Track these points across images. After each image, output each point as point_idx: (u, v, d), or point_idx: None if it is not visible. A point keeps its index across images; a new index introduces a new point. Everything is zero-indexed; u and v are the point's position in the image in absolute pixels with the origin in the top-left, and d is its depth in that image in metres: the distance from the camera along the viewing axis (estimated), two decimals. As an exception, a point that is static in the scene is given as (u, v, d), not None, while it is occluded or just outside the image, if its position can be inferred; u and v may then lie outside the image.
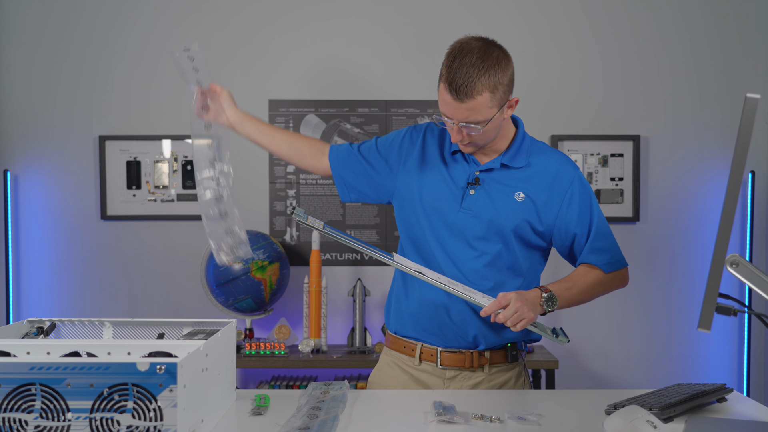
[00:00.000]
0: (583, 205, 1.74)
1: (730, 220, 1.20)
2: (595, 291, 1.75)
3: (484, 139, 1.68)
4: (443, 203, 1.75)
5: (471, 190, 1.73)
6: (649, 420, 1.27)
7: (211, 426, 1.37)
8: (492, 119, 1.64)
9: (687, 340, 3.41)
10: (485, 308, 1.58)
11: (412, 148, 1.83)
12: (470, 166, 1.76)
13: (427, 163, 1.80)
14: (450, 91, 1.60)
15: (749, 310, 1.31)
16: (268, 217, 3.43)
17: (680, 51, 3.42)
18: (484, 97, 1.60)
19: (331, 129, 3.42)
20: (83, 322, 1.62)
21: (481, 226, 1.71)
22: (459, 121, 1.63)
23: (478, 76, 1.59)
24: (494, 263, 1.72)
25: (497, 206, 1.72)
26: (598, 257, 1.74)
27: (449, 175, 1.76)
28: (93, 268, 3.41)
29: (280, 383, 3.17)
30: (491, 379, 1.77)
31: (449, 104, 1.62)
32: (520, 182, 1.74)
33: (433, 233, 1.75)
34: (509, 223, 1.71)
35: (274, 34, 3.42)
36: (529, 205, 1.72)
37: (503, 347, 1.77)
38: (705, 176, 3.42)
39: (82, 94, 3.41)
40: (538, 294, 1.64)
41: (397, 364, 1.82)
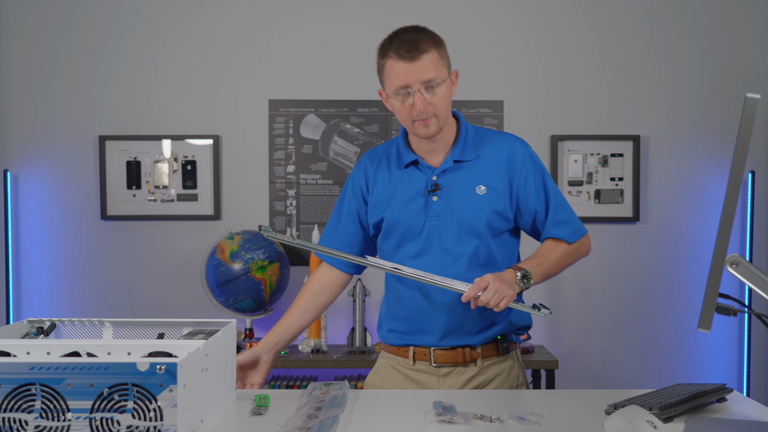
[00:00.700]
0: (537, 181, 1.78)
1: (730, 220, 1.20)
2: (564, 262, 1.79)
3: (443, 107, 1.70)
4: (411, 219, 1.77)
5: (433, 197, 1.76)
6: (649, 420, 1.27)
7: (211, 426, 1.37)
8: (445, 81, 1.69)
9: (687, 340, 3.41)
10: (466, 293, 1.60)
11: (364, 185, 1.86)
12: (425, 173, 1.78)
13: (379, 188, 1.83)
14: (401, 57, 1.65)
15: (749, 310, 1.31)
16: (268, 217, 3.43)
17: (680, 51, 3.42)
18: (434, 54, 1.67)
19: (331, 129, 3.42)
20: (83, 322, 1.62)
21: (453, 229, 1.74)
22: (419, 83, 1.66)
23: (421, 37, 1.68)
24: (472, 263, 1.75)
25: (463, 205, 1.74)
26: (561, 230, 1.79)
27: (407, 189, 1.79)
28: (93, 268, 3.41)
29: (280, 383, 3.17)
30: (484, 373, 1.79)
31: (403, 71, 1.66)
32: (477, 175, 1.76)
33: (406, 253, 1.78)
34: (480, 219, 1.74)
35: (275, 34, 3.42)
36: (492, 195, 1.75)
37: (494, 340, 1.80)
38: (705, 176, 3.42)
39: (82, 94, 3.41)
40: (512, 273, 1.67)
41: (392, 366, 1.85)
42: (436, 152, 1.79)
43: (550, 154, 3.40)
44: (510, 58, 3.42)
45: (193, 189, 3.42)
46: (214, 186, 3.41)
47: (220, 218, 3.42)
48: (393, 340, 1.84)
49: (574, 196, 3.41)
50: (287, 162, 3.42)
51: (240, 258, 3.10)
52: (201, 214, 3.41)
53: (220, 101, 3.42)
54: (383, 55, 1.71)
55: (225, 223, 3.41)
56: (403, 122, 1.74)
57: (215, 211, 3.41)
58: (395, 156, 1.83)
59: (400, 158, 1.81)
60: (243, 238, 3.16)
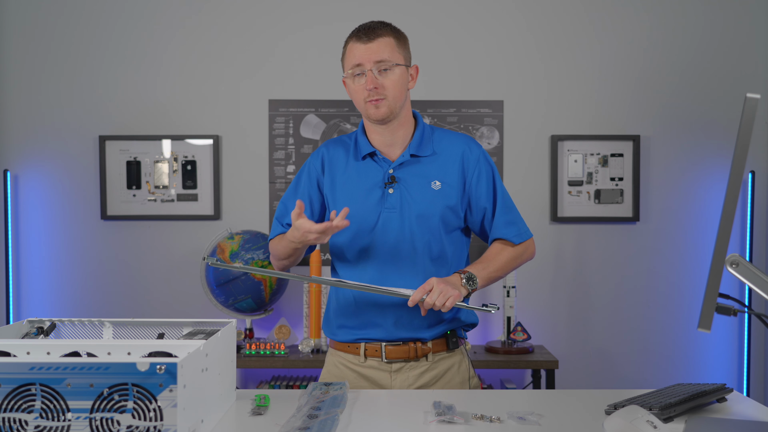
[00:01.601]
0: (489, 180, 1.84)
1: (730, 220, 1.20)
2: (509, 266, 1.83)
3: (395, 91, 1.75)
4: (366, 210, 1.79)
5: (389, 189, 1.80)
6: (649, 420, 1.27)
7: (211, 426, 1.37)
8: (399, 67, 1.75)
9: (687, 340, 3.41)
10: (411, 296, 1.63)
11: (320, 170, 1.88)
12: (381, 165, 1.82)
13: (336, 177, 1.85)
14: (359, 38, 1.75)
15: (749, 310, 1.31)
16: (268, 217, 3.43)
17: (680, 51, 3.42)
18: (390, 40, 1.76)
19: (331, 129, 3.42)
20: (83, 322, 1.62)
21: (408, 222, 1.78)
22: (371, 62, 1.73)
23: (382, 26, 1.78)
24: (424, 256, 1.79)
25: (418, 199, 1.79)
26: (508, 230, 1.83)
27: (364, 180, 1.82)
28: (93, 268, 3.41)
29: (280, 383, 3.17)
30: (434, 367, 1.82)
31: (358, 50, 1.74)
32: (432, 171, 1.81)
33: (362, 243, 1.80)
34: (434, 213, 1.78)
35: (275, 34, 3.42)
36: (446, 191, 1.80)
37: (443, 335, 1.83)
38: (705, 176, 3.42)
39: (82, 94, 3.41)
40: (457, 276, 1.71)
41: (343, 364, 1.86)
42: (393, 146, 1.83)
43: (550, 154, 3.40)
44: (510, 58, 3.42)
45: (193, 189, 3.42)
46: (214, 186, 3.41)
47: (220, 218, 3.42)
48: (343, 336, 1.85)
49: (574, 196, 3.41)
50: (287, 162, 3.43)
51: (240, 258, 3.10)
52: (201, 214, 3.41)
53: (220, 101, 3.43)
54: (345, 43, 1.80)
55: (225, 223, 3.41)
56: (358, 105, 1.80)
57: (215, 211, 3.41)
58: (353, 147, 1.87)
59: (358, 149, 1.85)
60: (243, 238, 3.16)
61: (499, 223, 1.84)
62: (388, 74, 1.74)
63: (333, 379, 1.87)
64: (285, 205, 1.92)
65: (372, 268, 1.80)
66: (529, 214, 3.35)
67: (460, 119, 3.39)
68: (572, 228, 3.42)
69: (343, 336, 1.86)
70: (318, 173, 1.88)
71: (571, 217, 3.40)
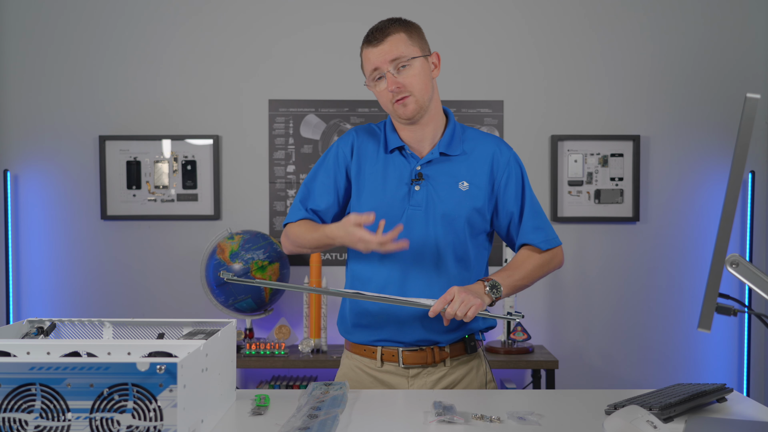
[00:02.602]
0: (518, 184, 1.80)
1: (730, 220, 1.20)
2: (536, 274, 1.77)
3: (418, 85, 1.70)
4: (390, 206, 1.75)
5: (416, 186, 1.76)
6: (649, 420, 1.27)
7: (211, 426, 1.37)
8: (416, 59, 1.70)
9: (687, 340, 3.41)
10: (432, 307, 1.59)
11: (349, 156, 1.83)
12: (410, 161, 1.78)
13: (363, 166, 1.81)
14: (370, 42, 1.71)
15: (749, 310, 1.31)
16: (268, 217, 3.43)
17: (680, 51, 3.42)
18: (401, 35, 1.71)
19: (331, 129, 3.42)
20: (83, 322, 1.62)
21: (433, 221, 1.74)
22: (386, 62, 1.69)
23: (390, 23, 1.73)
24: (448, 257, 1.75)
25: (445, 198, 1.75)
26: (535, 236, 1.78)
27: (390, 175, 1.78)
28: (93, 268, 3.41)
29: (280, 383, 3.17)
30: (453, 372, 1.78)
31: (372, 55, 1.70)
32: (461, 171, 1.77)
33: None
34: (460, 214, 1.74)
35: (275, 34, 3.42)
36: (474, 192, 1.76)
37: (461, 340, 1.79)
38: (705, 176, 3.42)
39: (82, 94, 3.41)
40: (480, 284, 1.67)
41: (359, 368, 1.82)
42: (423, 142, 1.79)
43: (550, 154, 3.40)
44: (510, 58, 3.42)
45: (193, 189, 3.42)
46: (214, 186, 3.41)
47: (220, 218, 3.42)
48: (359, 337, 1.80)
49: (574, 196, 3.41)
50: (287, 162, 3.43)
51: (240, 258, 3.10)
52: (201, 214, 3.41)
53: (220, 101, 3.42)
54: (361, 50, 1.76)
55: (225, 223, 3.41)
56: (386, 108, 1.75)
57: (215, 211, 3.41)
58: (383, 138, 1.82)
59: (387, 142, 1.81)
60: (243, 238, 3.16)
61: (526, 228, 1.79)
62: (407, 70, 1.70)
63: (350, 382, 1.81)
64: (308, 187, 1.84)
65: (393, 267, 1.75)
66: (529, 214, 3.35)
67: (460, 119, 3.39)
68: (572, 228, 3.42)
69: (358, 337, 1.81)
70: (347, 159, 1.82)
71: (571, 217, 3.40)
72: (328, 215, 1.84)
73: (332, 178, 1.82)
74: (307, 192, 1.84)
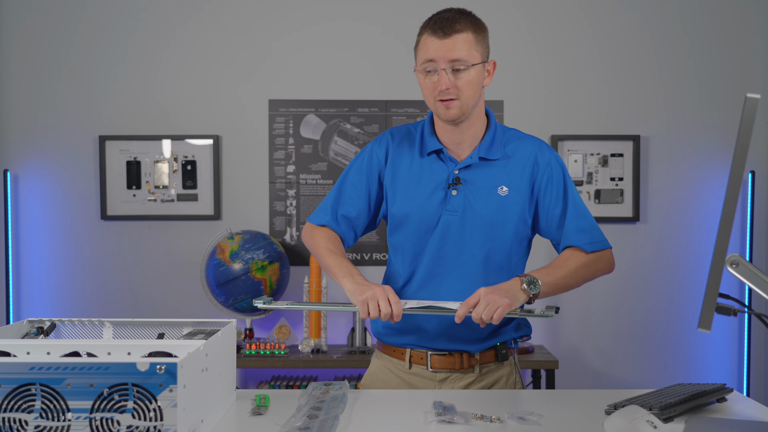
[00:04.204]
0: (559, 185, 1.73)
1: (730, 220, 1.20)
2: (579, 274, 1.70)
3: (468, 91, 1.65)
4: (426, 211, 1.72)
5: (453, 190, 1.71)
6: (649, 420, 1.26)
7: (211, 426, 1.37)
8: (476, 66, 1.65)
9: (687, 340, 3.41)
10: (457, 313, 1.54)
11: (383, 161, 1.78)
12: (448, 165, 1.73)
13: (399, 170, 1.76)
14: (434, 32, 1.63)
15: (749, 310, 1.31)
16: (268, 217, 3.43)
17: (680, 51, 3.42)
18: (469, 36, 1.64)
19: (331, 129, 3.42)
20: (83, 322, 1.62)
21: (471, 227, 1.70)
22: (446, 60, 1.62)
23: (461, 18, 1.65)
24: (487, 263, 1.71)
25: (483, 204, 1.70)
26: (579, 237, 1.71)
27: (428, 179, 1.73)
28: (93, 268, 3.41)
29: (280, 383, 3.17)
30: (482, 379, 1.75)
31: (433, 46, 1.63)
32: (500, 175, 1.72)
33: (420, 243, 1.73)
34: (498, 219, 1.70)
35: (275, 34, 3.42)
36: (513, 197, 1.71)
37: (493, 347, 1.75)
38: (705, 176, 3.42)
39: (82, 94, 3.41)
40: (516, 280, 1.60)
41: (388, 368, 1.81)
42: (462, 145, 1.73)
43: (550, 154, 3.40)
44: (510, 58, 3.42)
45: (193, 189, 3.42)
46: (214, 186, 3.41)
47: (220, 218, 3.42)
48: (389, 338, 1.79)
49: (574, 196, 3.40)
50: (287, 162, 3.43)
51: (240, 258, 3.10)
52: (201, 214, 3.41)
53: (221, 101, 3.42)
54: (420, 32, 1.68)
55: (225, 223, 3.41)
56: (427, 100, 1.69)
57: (215, 211, 3.41)
58: (419, 141, 1.77)
59: (424, 144, 1.75)
60: (243, 238, 3.16)
61: (569, 229, 1.72)
62: (463, 74, 1.63)
63: (377, 382, 1.81)
64: (340, 191, 1.80)
65: (426, 270, 1.72)
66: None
67: (460, 119, 3.39)
68: (572, 228, 3.41)
69: (389, 338, 1.79)
70: (380, 164, 1.78)
71: (571, 217, 3.40)
72: (359, 222, 1.80)
73: (365, 182, 1.79)
74: (338, 196, 1.80)
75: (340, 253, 1.73)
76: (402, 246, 1.76)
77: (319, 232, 1.79)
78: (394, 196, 1.76)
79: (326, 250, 1.73)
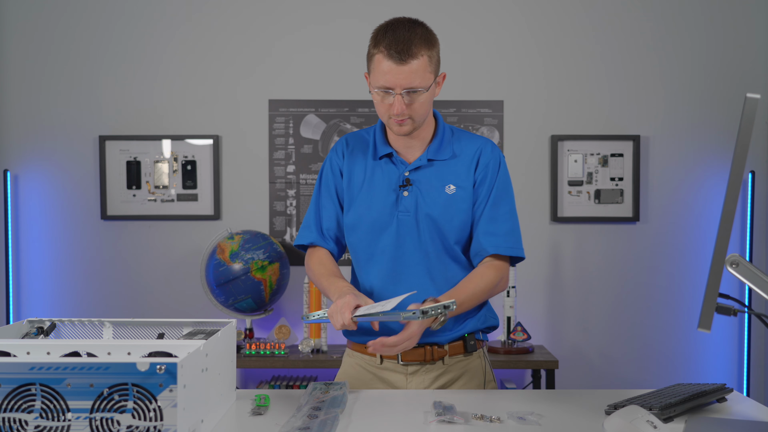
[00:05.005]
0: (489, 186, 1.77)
1: (730, 220, 1.20)
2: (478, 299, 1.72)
3: (422, 111, 1.69)
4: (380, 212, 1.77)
5: (404, 192, 1.77)
6: (649, 420, 1.27)
7: (211, 426, 1.37)
8: (429, 87, 1.68)
9: (687, 340, 3.41)
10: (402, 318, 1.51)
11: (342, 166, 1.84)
12: (398, 167, 1.79)
13: (353, 175, 1.82)
14: (390, 56, 1.64)
15: (749, 310, 1.31)
16: (268, 217, 3.43)
17: (680, 51, 3.42)
18: (424, 60, 1.66)
19: (331, 129, 3.42)
20: (83, 322, 1.62)
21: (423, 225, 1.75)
22: (401, 87, 1.65)
23: (415, 39, 1.65)
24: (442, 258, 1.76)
25: (431, 203, 1.75)
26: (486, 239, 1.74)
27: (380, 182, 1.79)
28: (93, 268, 3.41)
29: (280, 383, 3.17)
30: (451, 371, 1.79)
31: (390, 71, 1.64)
32: (448, 175, 1.77)
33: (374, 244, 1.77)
34: (446, 217, 1.74)
35: (275, 34, 3.42)
36: (460, 195, 1.76)
37: (461, 338, 1.80)
38: (705, 176, 3.42)
39: (83, 95, 3.41)
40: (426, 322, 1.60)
41: (360, 365, 1.84)
42: (412, 148, 1.80)
43: (550, 154, 3.40)
44: (510, 58, 3.42)
45: (193, 189, 3.42)
46: (214, 186, 3.41)
47: (220, 218, 3.42)
48: (359, 336, 1.81)
49: (574, 196, 3.41)
50: (287, 162, 3.43)
51: (240, 258, 3.10)
52: (201, 214, 3.41)
53: (220, 101, 3.42)
54: (374, 45, 1.71)
55: (225, 223, 3.41)
56: (380, 116, 1.75)
57: (215, 211, 3.41)
58: (372, 146, 1.83)
59: (376, 149, 1.82)
60: (243, 238, 3.16)
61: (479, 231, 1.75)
62: (417, 96, 1.67)
63: (350, 380, 1.84)
64: (318, 207, 1.87)
65: (382, 270, 1.77)
66: (529, 214, 3.35)
67: (460, 119, 3.39)
68: (572, 228, 3.42)
69: (358, 337, 1.82)
70: (341, 168, 1.85)
71: (571, 217, 3.40)
72: (340, 227, 1.85)
73: (334, 195, 1.85)
74: (317, 211, 1.87)
75: (330, 273, 1.79)
76: (357, 247, 1.82)
77: (311, 259, 1.86)
78: (352, 200, 1.82)
79: (319, 275, 1.80)
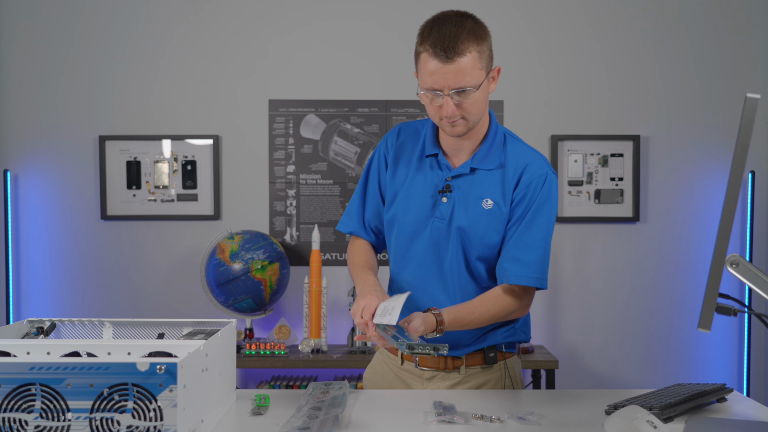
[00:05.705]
0: (526, 208, 1.66)
1: (730, 220, 1.20)
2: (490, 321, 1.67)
3: (475, 111, 1.60)
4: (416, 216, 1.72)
5: (443, 198, 1.69)
6: (649, 420, 1.26)
7: (211, 426, 1.37)
8: (481, 85, 1.59)
9: (687, 340, 3.41)
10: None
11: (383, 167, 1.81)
12: (443, 172, 1.71)
13: (398, 174, 1.77)
14: (436, 54, 1.54)
15: (749, 310, 1.31)
16: (268, 217, 3.43)
17: (680, 51, 3.42)
18: (473, 56, 1.56)
19: (331, 129, 3.42)
20: (83, 322, 1.62)
21: (453, 235, 1.68)
22: (450, 88, 1.55)
23: (462, 35, 1.55)
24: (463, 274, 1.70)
25: (464, 214, 1.68)
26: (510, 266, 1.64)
27: (419, 184, 1.73)
28: (93, 268, 3.41)
29: (280, 383, 3.17)
30: (468, 381, 1.75)
31: (436, 71, 1.54)
32: (489, 188, 1.68)
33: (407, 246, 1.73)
34: (476, 232, 1.67)
35: (275, 34, 3.42)
36: (496, 212, 1.67)
37: (480, 349, 1.75)
38: (705, 176, 3.42)
39: (82, 95, 3.41)
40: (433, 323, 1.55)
41: (386, 363, 1.84)
42: (461, 150, 1.71)
43: (550, 154, 3.40)
44: (510, 57, 3.42)
45: (193, 189, 3.42)
46: (214, 186, 3.41)
47: (220, 218, 3.42)
48: None
49: (574, 196, 3.41)
50: (287, 162, 3.42)
51: (240, 258, 3.10)
52: (201, 214, 3.41)
53: (220, 101, 3.43)
54: (421, 42, 1.60)
55: (225, 223, 3.41)
56: (431, 117, 1.66)
57: (215, 211, 3.41)
58: (421, 142, 1.76)
59: (424, 147, 1.74)
60: (243, 238, 3.16)
61: (505, 256, 1.65)
62: (469, 95, 1.57)
63: (375, 374, 1.84)
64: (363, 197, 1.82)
65: (411, 274, 1.73)
66: (529, 214, 3.35)
67: (460, 119, 3.39)
68: (572, 228, 3.42)
69: None
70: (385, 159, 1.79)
71: (571, 217, 3.40)
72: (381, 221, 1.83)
73: (377, 187, 1.81)
74: (361, 201, 1.83)
75: (363, 264, 1.76)
76: (392, 246, 1.79)
77: (352, 246, 1.84)
78: (393, 195, 1.77)
79: (352, 264, 1.79)
